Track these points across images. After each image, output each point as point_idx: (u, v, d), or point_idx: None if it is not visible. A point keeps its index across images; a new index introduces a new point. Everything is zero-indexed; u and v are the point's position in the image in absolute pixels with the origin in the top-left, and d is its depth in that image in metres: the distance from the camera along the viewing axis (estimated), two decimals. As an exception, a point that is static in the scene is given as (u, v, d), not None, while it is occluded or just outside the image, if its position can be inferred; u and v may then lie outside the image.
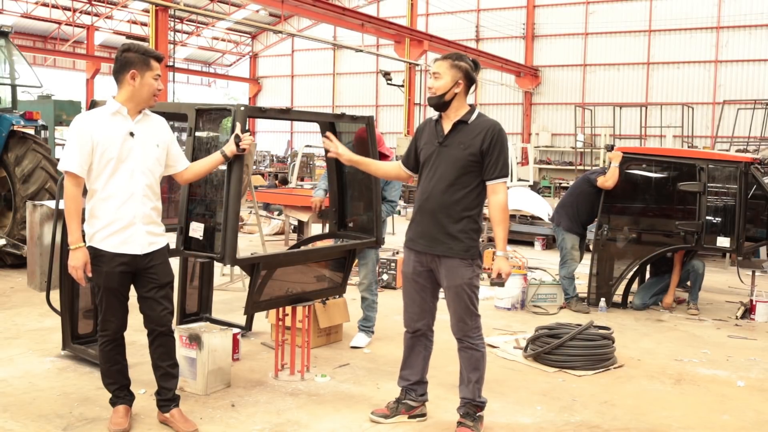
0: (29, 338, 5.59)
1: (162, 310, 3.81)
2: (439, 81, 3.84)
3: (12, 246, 8.31)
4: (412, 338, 4.08)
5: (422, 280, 3.98)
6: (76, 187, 3.65)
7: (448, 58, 3.86)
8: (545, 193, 22.54)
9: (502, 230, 3.82)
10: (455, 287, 3.84)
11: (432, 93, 3.84)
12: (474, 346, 3.92)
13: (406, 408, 4.13)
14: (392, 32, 24.54)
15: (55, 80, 31.24)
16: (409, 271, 4.01)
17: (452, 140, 3.85)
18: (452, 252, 3.82)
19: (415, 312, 4.03)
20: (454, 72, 3.82)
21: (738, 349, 6.07)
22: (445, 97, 3.84)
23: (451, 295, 3.89)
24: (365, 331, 5.80)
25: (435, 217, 3.85)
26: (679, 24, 27.68)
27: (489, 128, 3.81)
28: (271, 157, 33.25)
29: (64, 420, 3.99)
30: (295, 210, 10.62)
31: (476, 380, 3.95)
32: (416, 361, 4.10)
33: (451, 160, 3.82)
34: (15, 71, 9.25)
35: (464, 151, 3.79)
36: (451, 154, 3.82)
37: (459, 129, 3.85)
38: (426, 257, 3.91)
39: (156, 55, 3.77)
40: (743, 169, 6.99)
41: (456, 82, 3.83)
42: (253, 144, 4.08)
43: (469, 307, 3.87)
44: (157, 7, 18.72)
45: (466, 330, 3.90)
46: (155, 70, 3.74)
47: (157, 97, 3.77)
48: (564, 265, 7.45)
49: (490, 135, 3.78)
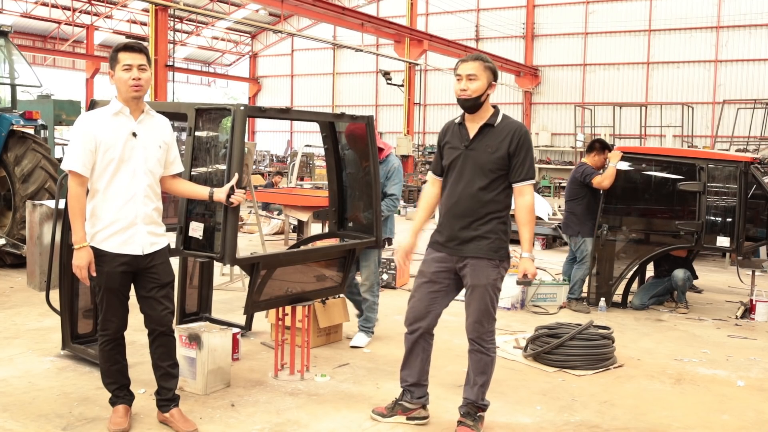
0: (29, 338, 5.59)
1: (162, 310, 3.80)
2: (475, 83, 3.78)
3: (12, 246, 8.31)
4: (411, 339, 4.05)
5: (441, 280, 3.95)
6: (80, 187, 3.65)
7: (479, 59, 3.84)
8: (545, 192, 22.55)
9: (528, 231, 3.82)
10: (480, 287, 3.82)
11: (467, 95, 3.80)
12: (485, 350, 3.90)
13: (402, 409, 4.10)
14: (392, 32, 24.55)
15: (54, 80, 31.24)
16: (429, 271, 3.98)
17: (479, 144, 3.83)
18: (481, 252, 3.81)
19: (420, 311, 3.98)
20: (488, 73, 3.81)
21: (738, 349, 6.07)
22: (480, 99, 3.82)
23: (473, 295, 3.86)
24: (365, 331, 5.80)
25: (464, 220, 3.84)
26: (679, 24, 27.70)
27: (515, 130, 3.81)
28: (270, 157, 33.27)
29: (63, 420, 3.99)
30: (294, 210, 10.61)
31: (482, 383, 3.93)
32: (414, 363, 4.07)
33: (479, 164, 3.81)
34: (15, 71, 9.24)
35: (492, 154, 3.79)
36: (479, 157, 3.82)
37: (485, 132, 3.84)
38: (453, 259, 3.90)
39: (122, 46, 3.69)
40: (743, 168, 6.98)
41: (489, 84, 3.83)
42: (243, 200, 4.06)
43: (489, 309, 3.85)
44: (156, 7, 18.72)
45: (481, 332, 3.87)
46: (122, 62, 3.65)
47: (137, 87, 3.64)
48: (582, 266, 7.43)
49: (517, 137, 3.78)
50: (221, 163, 4.24)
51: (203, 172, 4.36)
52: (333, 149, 5.38)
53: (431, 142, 31.46)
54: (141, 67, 3.67)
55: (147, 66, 3.70)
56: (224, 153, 4.20)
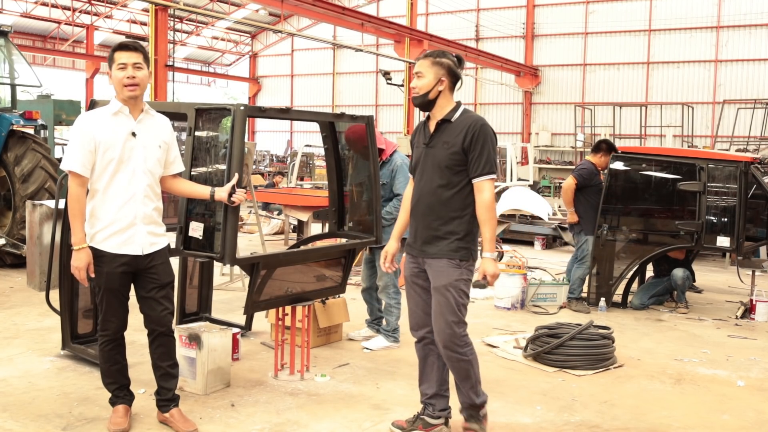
0: (29, 338, 5.59)
1: (162, 310, 3.80)
2: (421, 80, 3.70)
3: (11, 246, 8.31)
4: (421, 347, 3.94)
5: (422, 282, 3.85)
6: (79, 187, 3.64)
7: (429, 56, 3.74)
8: (545, 192, 22.52)
9: (488, 230, 3.63)
10: (441, 287, 3.67)
11: (415, 93, 3.73)
12: (461, 355, 3.71)
13: (423, 425, 3.90)
14: (392, 32, 24.53)
15: (54, 80, 31.21)
16: (408, 275, 3.90)
17: (437, 140, 3.73)
18: (440, 253, 3.69)
19: (419, 317, 3.89)
20: (436, 69, 3.69)
21: (738, 349, 6.07)
22: (428, 96, 3.71)
23: (436, 297, 3.71)
24: (385, 334, 5.69)
25: (425, 219, 3.75)
26: (679, 23, 27.68)
27: (471, 125, 3.65)
28: (270, 157, 33.25)
29: (63, 420, 3.99)
30: (294, 210, 10.62)
31: (470, 386, 3.82)
32: (431, 373, 3.92)
33: (437, 161, 3.71)
34: (14, 71, 9.24)
35: (447, 150, 3.68)
36: (436, 154, 3.71)
37: (443, 128, 3.74)
38: (420, 260, 3.81)
39: (118, 45, 3.67)
40: (743, 168, 6.98)
41: (439, 80, 3.69)
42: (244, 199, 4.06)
43: (455, 311, 3.66)
44: (156, 7, 18.70)
45: (451, 337, 3.67)
46: (118, 60, 3.63)
47: (132, 86, 3.61)
48: (583, 265, 7.44)
49: (471, 131, 3.63)
50: (221, 163, 4.23)
51: (203, 172, 4.35)
52: (333, 149, 5.37)
53: (431, 142, 31.39)
54: (136, 65, 3.65)
55: (143, 64, 3.67)
56: (224, 153, 4.20)
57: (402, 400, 4.47)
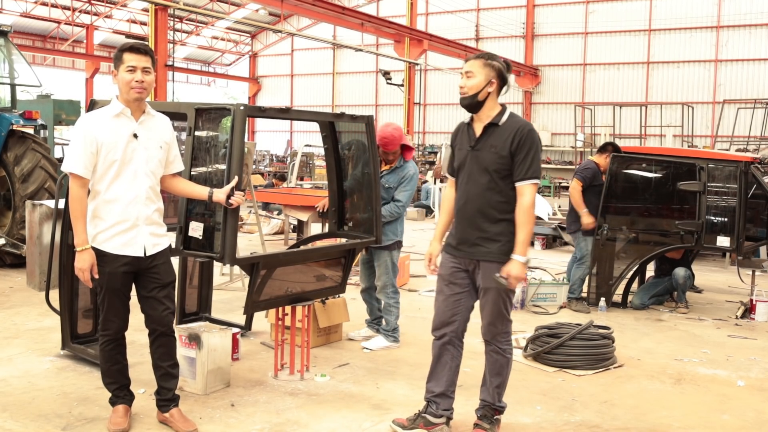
0: (28, 338, 5.59)
1: (164, 310, 3.80)
2: (471, 80, 3.71)
3: (11, 245, 8.31)
4: (438, 345, 3.94)
5: (460, 281, 3.86)
6: (81, 189, 3.63)
7: (481, 57, 3.76)
8: (545, 192, 22.56)
9: (524, 233, 3.66)
10: (492, 290, 3.74)
11: (463, 93, 3.73)
12: (501, 351, 3.84)
13: (425, 423, 3.91)
14: (392, 31, 24.55)
15: (54, 79, 31.23)
16: (446, 274, 3.89)
17: (484, 144, 3.75)
18: (491, 255, 3.72)
19: (446, 315, 3.89)
20: (487, 71, 3.71)
21: (738, 349, 6.07)
22: (478, 97, 3.71)
23: (486, 298, 3.79)
24: (385, 334, 5.69)
25: (473, 221, 3.77)
26: (679, 23, 27.71)
27: (518, 129, 3.68)
28: (270, 157, 33.25)
29: (63, 420, 3.98)
30: (294, 209, 10.61)
31: (497, 385, 3.88)
32: (442, 372, 3.93)
33: (484, 165, 3.73)
34: (14, 70, 9.24)
35: (495, 154, 3.70)
36: (484, 158, 3.73)
37: (490, 132, 3.75)
38: (465, 262, 3.83)
39: (128, 47, 3.66)
40: (743, 168, 6.98)
41: (489, 81, 3.71)
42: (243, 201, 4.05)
43: (502, 311, 3.79)
44: (156, 6, 18.72)
45: (495, 333, 3.82)
46: (127, 62, 3.62)
47: (140, 89, 3.62)
48: (582, 265, 7.44)
49: (519, 135, 3.66)
50: (221, 163, 4.23)
51: (203, 172, 4.35)
52: (333, 149, 5.37)
53: (431, 142, 31.46)
54: (145, 69, 3.65)
55: (151, 69, 3.69)
56: (224, 153, 4.19)
57: (402, 400, 4.47)
